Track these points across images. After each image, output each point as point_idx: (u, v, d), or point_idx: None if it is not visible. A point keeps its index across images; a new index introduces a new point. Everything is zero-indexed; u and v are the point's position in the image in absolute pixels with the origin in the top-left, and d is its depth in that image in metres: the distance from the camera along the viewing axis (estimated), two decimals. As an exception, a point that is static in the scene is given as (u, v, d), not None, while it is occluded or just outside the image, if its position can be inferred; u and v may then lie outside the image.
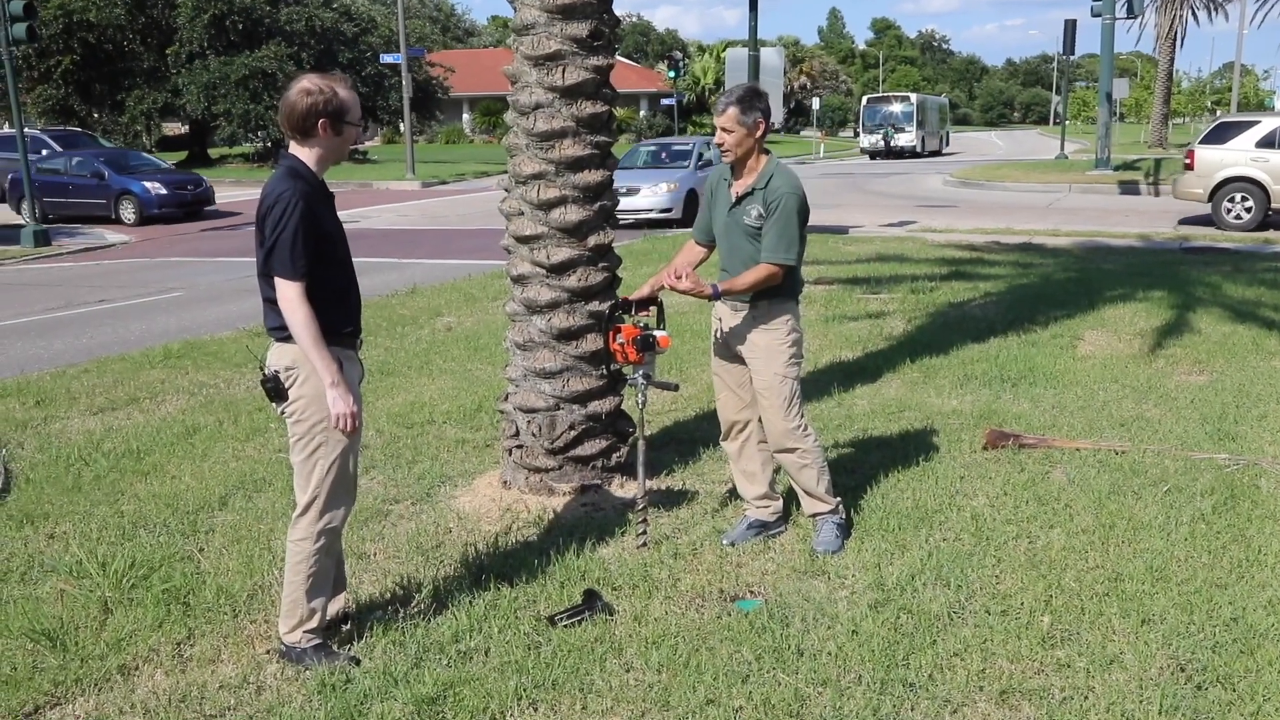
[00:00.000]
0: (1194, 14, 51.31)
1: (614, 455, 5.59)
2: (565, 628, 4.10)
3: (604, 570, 4.61)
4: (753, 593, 4.44)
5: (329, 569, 3.91)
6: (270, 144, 41.12)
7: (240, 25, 39.71)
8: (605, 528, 5.07)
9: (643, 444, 4.91)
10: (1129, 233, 17.16)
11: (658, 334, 4.74)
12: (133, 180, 23.62)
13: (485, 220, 21.27)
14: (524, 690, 3.68)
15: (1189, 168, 18.31)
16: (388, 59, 38.16)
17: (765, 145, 4.71)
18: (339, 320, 3.74)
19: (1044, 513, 5.20)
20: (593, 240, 5.41)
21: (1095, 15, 28.86)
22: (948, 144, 59.85)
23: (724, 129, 4.60)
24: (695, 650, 3.93)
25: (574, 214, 5.34)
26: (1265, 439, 6.29)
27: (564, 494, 5.44)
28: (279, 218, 3.56)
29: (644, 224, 19.94)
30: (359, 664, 3.87)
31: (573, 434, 5.43)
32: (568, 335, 5.38)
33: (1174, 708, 3.53)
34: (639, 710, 3.59)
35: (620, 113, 6.72)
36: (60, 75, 39.61)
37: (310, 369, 3.65)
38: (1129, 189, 25.68)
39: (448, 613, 4.23)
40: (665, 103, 58.14)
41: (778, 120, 19.64)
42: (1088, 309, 10.26)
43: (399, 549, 4.95)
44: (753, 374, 4.78)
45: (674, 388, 5.07)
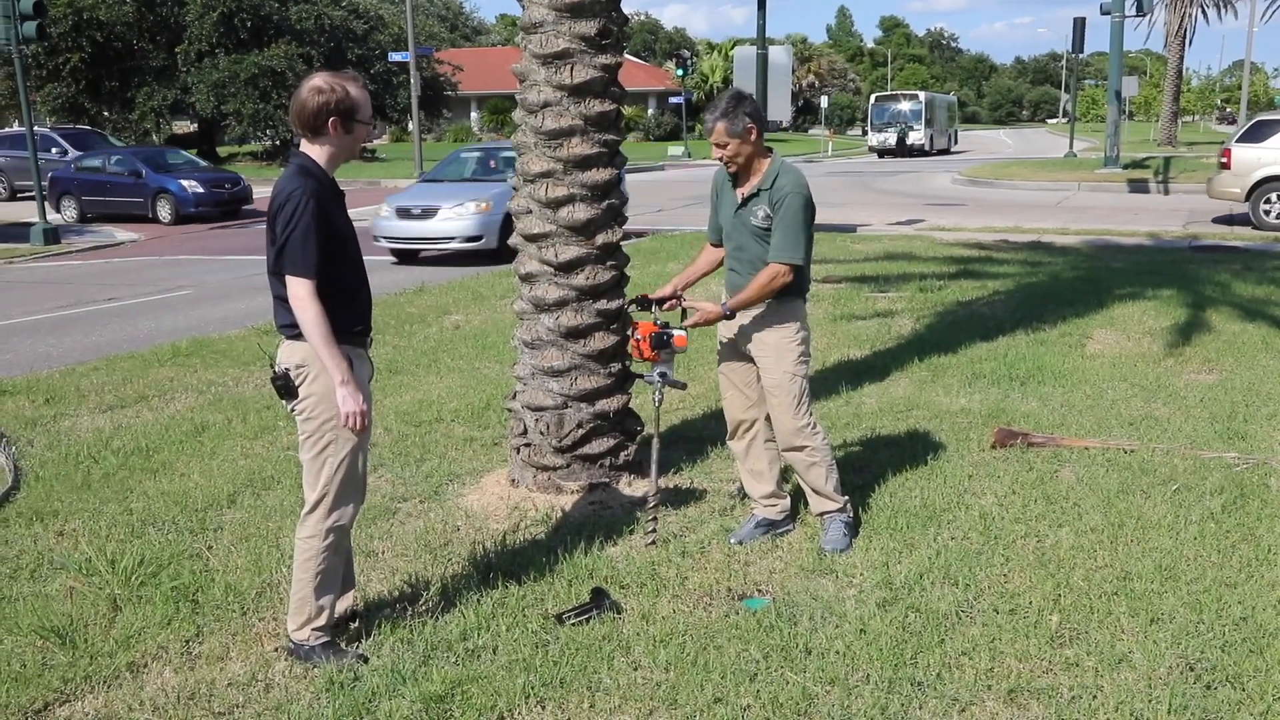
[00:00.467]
0: (1203, 12, 51.21)
1: (622, 454, 5.59)
2: (573, 626, 4.10)
3: (612, 569, 4.61)
4: (760, 591, 4.44)
5: (337, 567, 3.91)
6: (279, 142, 41.23)
7: (249, 23, 39.80)
8: (613, 526, 5.07)
9: (656, 442, 4.91)
10: (1138, 231, 17.11)
11: (675, 332, 4.75)
12: (170, 179, 23.23)
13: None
14: (532, 688, 3.68)
15: (1225, 166, 17.90)
16: (396, 57, 38.24)
17: (767, 145, 4.70)
18: (349, 318, 3.75)
19: (1052, 511, 5.19)
20: (601, 238, 5.41)
21: (1104, 13, 28.79)
22: (956, 142, 59.80)
23: (717, 145, 4.61)
24: (703, 649, 3.93)
25: (582, 212, 5.34)
26: (1275, 438, 6.27)
27: (572, 492, 5.44)
28: (290, 216, 3.57)
29: (446, 258, 15.57)
30: (367, 662, 3.87)
31: (580, 432, 5.43)
32: (576, 333, 5.38)
33: (1183, 707, 3.52)
34: (647, 708, 3.59)
35: (628, 111, 6.69)
36: (69, 73, 39.71)
37: (320, 367, 3.66)
38: (1138, 187, 25.61)
39: (456, 611, 4.23)
40: (674, 101, 58.17)
41: (785, 119, 19.29)
42: (1096, 308, 10.24)
43: (407, 547, 4.96)
44: (761, 372, 4.78)
45: (682, 386, 5.07)
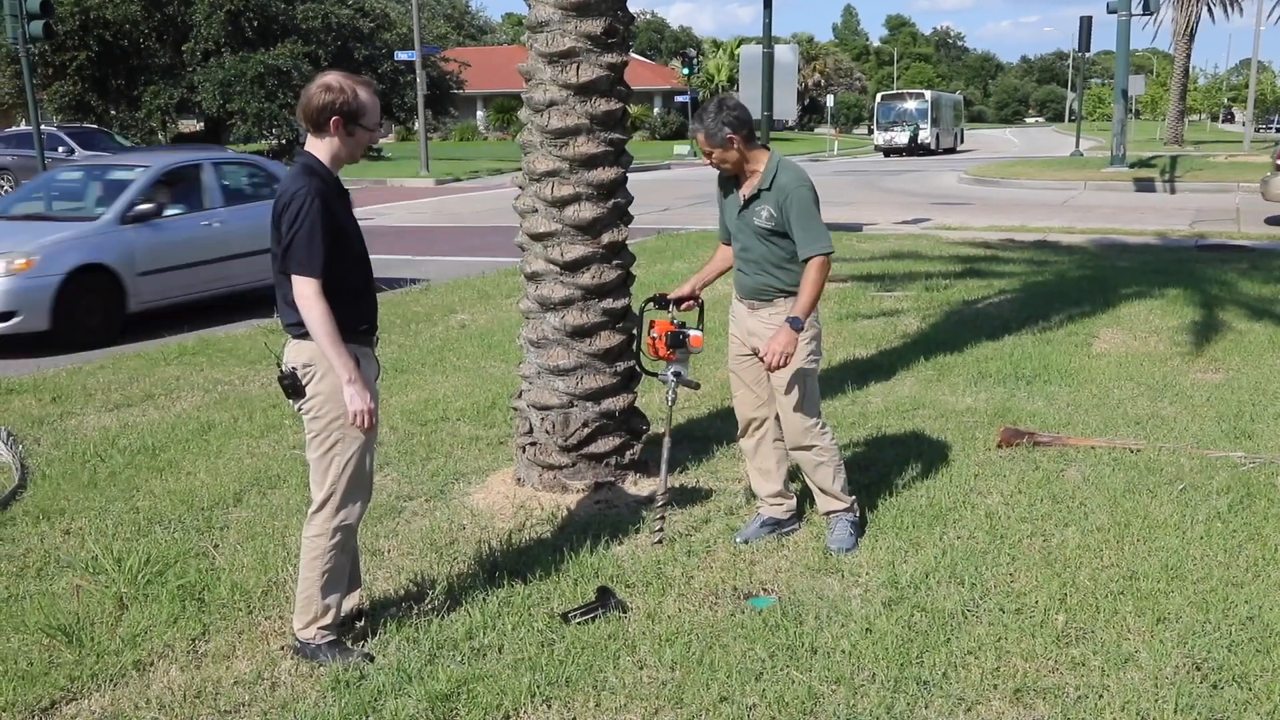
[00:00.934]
0: (1210, 10, 51.12)
1: (627, 452, 5.59)
2: (579, 625, 4.10)
3: (617, 567, 4.62)
4: (766, 590, 4.44)
5: (344, 565, 3.92)
6: (285, 141, 41.22)
7: (256, 22, 39.79)
8: (619, 525, 5.07)
9: (667, 441, 4.92)
10: (1145, 230, 17.07)
11: (691, 333, 4.76)
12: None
13: (499, 217, 21.27)
14: (537, 687, 3.68)
15: None
16: (402, 56, 38.25)
17: (762, 144, 4.69)
18: (355, 317, 3.75)
19: (1058, 511, 5.18)
20: (607, 237, 5.41)
21: (1111, 12, 28.73)
22: (962, 141, 59.75)
23: (706, 153, 4.63)
24: (709, 648, 3.93)
25: (588, 211, 5.35)
26: (1282, 438, 6.26)
27: (577, 491, 5.44)
28: (295, 215, 3.57)
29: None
30: (373, 660, 3.88)
31: (586, 431, 5.43)
32: (581, 332, 5.38)
33: (1189, 706, 3.51)
34: (652, 708, 3.59)
35: (634, 110, 6.69)
36: (76, 71, 39.71)
37: (327, 366, 3.66)
38: (1144, 186, 25.55)
39: (461, 609, 4.24)
40: (679, 100, 58.13)
41: (791, 118, 19.23)
42: (1103, 307, 10.22)
43: (413, 546, 4.96)
44: (772, 373, 4.77)
45: (695, 386, 5.07)
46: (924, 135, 50.80)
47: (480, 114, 71.05)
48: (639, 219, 6.20)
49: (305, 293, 3.59)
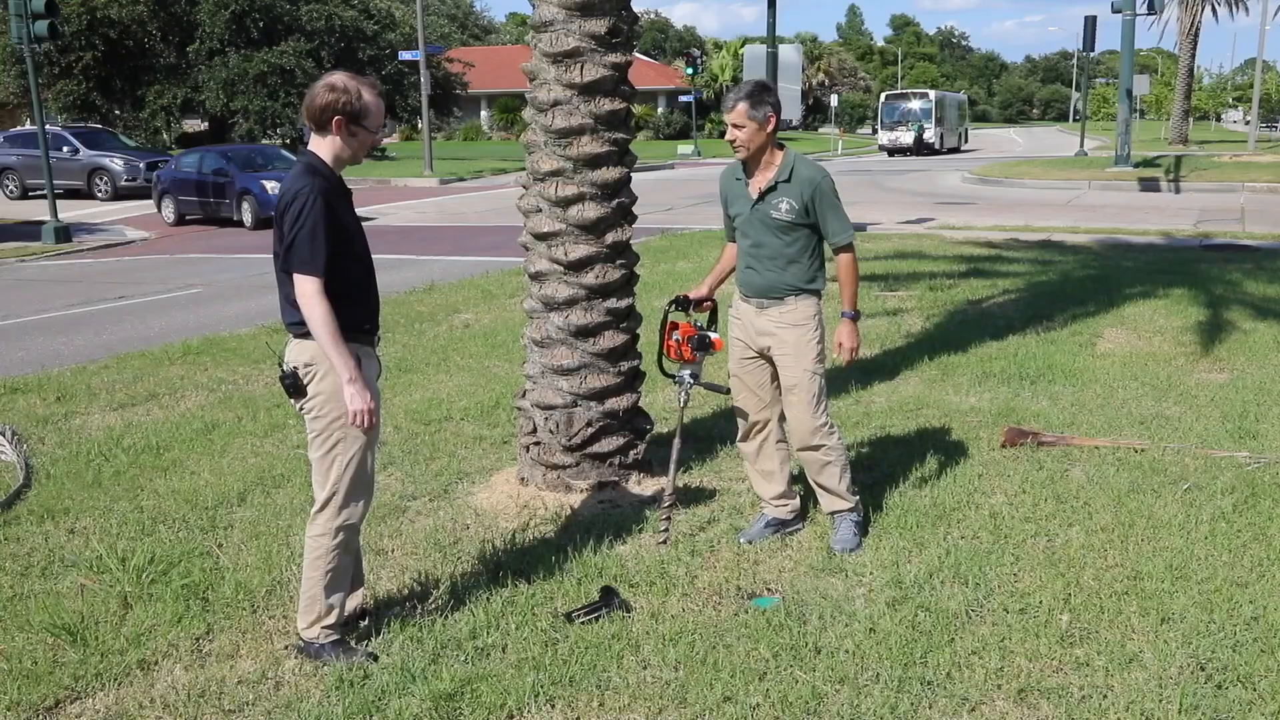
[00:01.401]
0: (1214, 10, 51.10)
1: (631, 452, 5.59)
2: (582, 625, 4.10)
3: (621, 567, 4.61)
4: (770, 590, 4.43)
5: (347, 565, 3.92)
6: (288, 141, 41.27)
7: (260, 22, 39.88)
8: (622, 525, 5.07)
9: (678, 441, 4.92)
10: (1149, 230, 17.04)
11: (713, 336, 4.78)
12: (253, 179, 21.15)
13: (503, 217, 21.29)
14: (541, 687, 3.68)
15: None
16: (406, 56, 38.29)
17: (780, 141, 4.70)
18: (357, 316, 3.75)
19: (1063, 511, 5.17)
20: (611, 237, 5.41)
21: (1115, 11, 28.72)
22: (966, 141, 59.66)
23: (734, 125, 4.59)
24: (712, 647, 3.93)
25: (592, 211, 5.34)
26: (1287, 438, 6.25)
27: (581, 491, 5.44)
28: (298, 214, 3.58)
29: None
30: (376, 660, 3.88)
31: (590, 431, 5.43)
32: (585, 332, 5.38)
33: (1194, 707, 3.51)
34: (656, 707, 3.59)
35: (638, 109, 6.69)
36: (81, 71, 39.81)
37: (329, 365, 3.66)
38: (1149, 186, 25.52)
39: (465, 609, 4.24)
40: (683, 100, 58.16)
41: (796, 117, 19.17)
42: (1107, 306, 10.21)
43: (417, 545, 4.96)
44: (780, 371, 4.76)
45: (725, 391, 5.03)
46: (928, 135, 50.73)
47: (484, 114, 71.08)
48: (642, 219, 6.19)
49: (307, 291, 3.59)
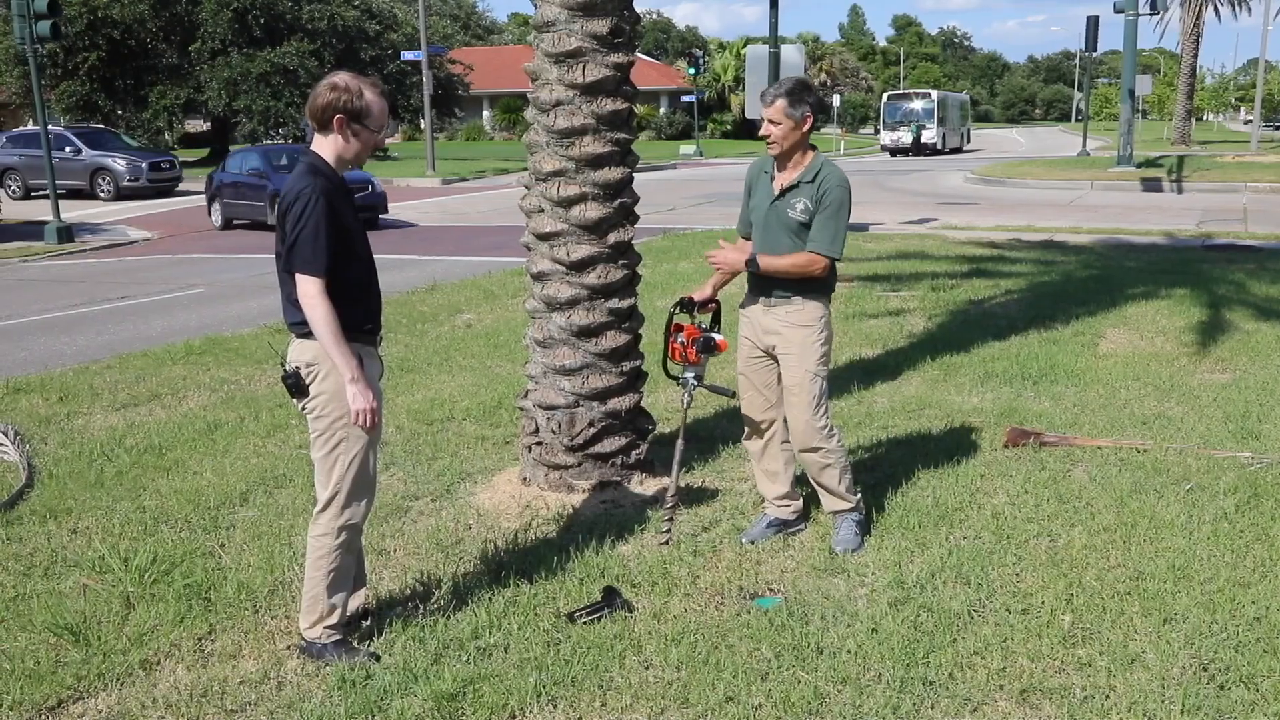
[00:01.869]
0: (1217, 10, 51.06)
1: (633, 452, 5.59)
2: (584, 625, 4.10)
3: (623, 567, 4.61)
4: (772, 590, 4.43)
5: (349, 565, 3.92)
6: (291, 141, 41.29)
7: (263, 21, 39.88)
8: (624, 525, 5.07)
9: (681, 442, 4.92)
10: (1151, 230, 17.03)
11: (717, 337, 4.77)
12: (284, 179, 20.42)
13: (505, 217, 21.29)
14: (543, 687, 3.68)
15: None
16: (409, 56, 38.32)
17: (811, 143, 4.68)
18: (359, 316, 3.75)
19: (1065, 511, 5.17)
20: (613, 237, 5.41)
21: (1118, 11, 28.68)
22: (969, 141, 59.64)
23: (771, 121, 4.55)
24: (714, 648, 3.93)
25: (594, 211, 5.34)
26: (1289, 438, 6.24)
27: (583, 491, 5.44)
28: (300, 214, 3.58)
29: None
30: (379, 660, 3.88)
31: (592, 431, 5.43)
32: (587, 332, 5.38)
33: (1196, 707, 3.50)
34: (658, 707, 3.59)
35: (640, 110, 6.69)
36: (84, 71, 39.83)
37: (330, 365, 3.66)
38: (1151, 186, 25.51)
39: (467, 609, 4.24)
40: (685, 100, 58.23)
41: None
42: (1109, 307, 10.20)
43: (419, 545, 4.96)
44: (783, 370, 4.75)
45: (729, 394, 5.01)
46: (931, 135, 50.70)
47: (486, 114, 71.09)
48: (644, 219, 6.19)
49: (309, 291, 3.59)
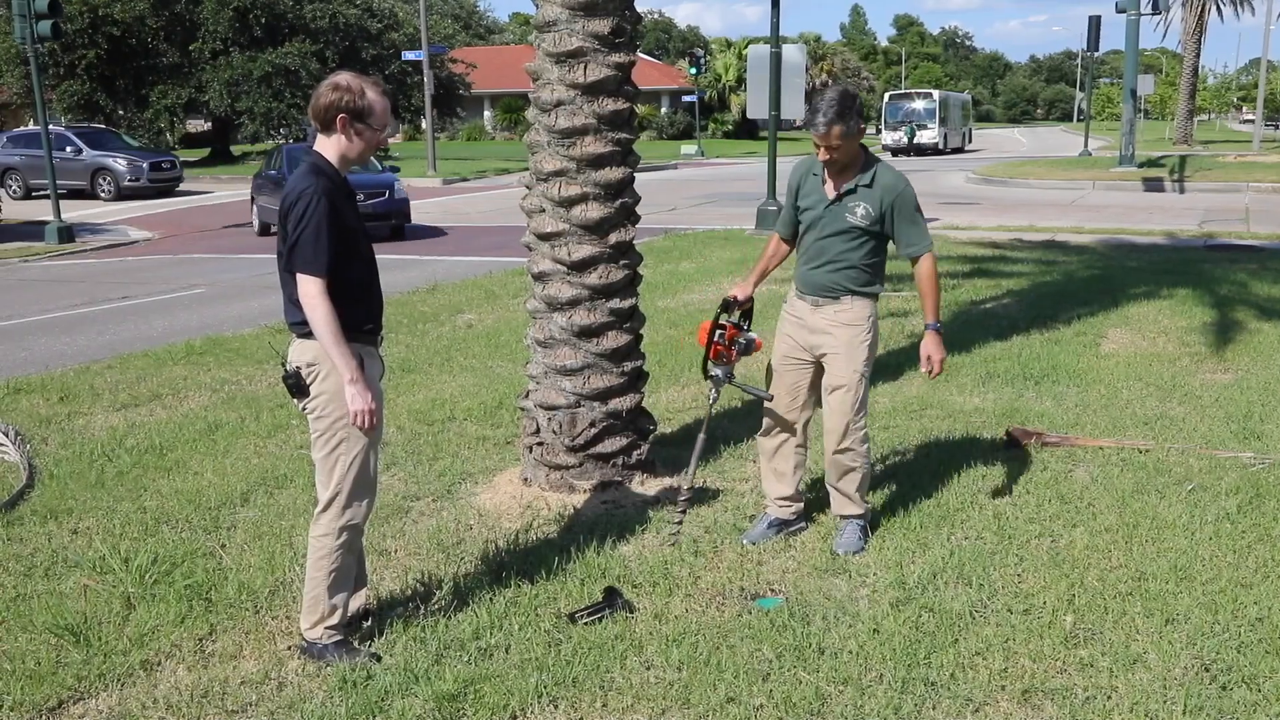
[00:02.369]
0: (1219, 9, 50.99)
1: (634, 453, 5.59)
2: (586, 625, 4.09)
3: (624, 568, 4.61)
4: (774, 591, 4.43)
5: (350, 565, 3.92)
6: (292, 141, 41.28)
7: (264, 21, 39.85)
8: (625, 525, 5.06)
9: (701, 438, 4.92)
10: (1153, 230, 17.03)
11: (754, 337, 4.80)
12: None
13: (506, 217, 21.27)
14: (544, 687, 3.68)
15: None
16: (410, 56, 38.28)
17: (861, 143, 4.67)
18: (360, 317, 3.75)
19: (1067, 511, 5.16)
20: (614, 237, 5.41)
21: (1120, 11, 28.64)
22: (970, 141, 59.55)
23: (830, 147, 4.49)
24: (716, 648, 3.92)
25: (595, 211, 5.34)
26: (1291, 438, 6.23)
27: (584, 491, 5.44)
28: (302, 214, 3.57)
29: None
30: (380, 660, 3.88)
31: (593, 431, 5.43)
32: (588, 332, 5.38)
33: (1198, 708, 3.50)
34: (659, 708, 3.59)
35: (642, 110, 6.70)
36: (85, 71, 39.80)
37: (331, 365, 3.66)
38: (1153, 186, 25.50)
39: (468, 610, 4.23)
40: (687, 100, 58.17)
41: (800, 118, 19.04)
42: (1111, 307, 10.19)
43: (420, 546, 4.96)
44: (830, 371, 4.73)
45: (767, 397, 4.95)
46: (932, 135, 50.66)
47: (487, 114, 71.06)
48: (646, 219, 6.19)
49: (309, 291, 3.59)
